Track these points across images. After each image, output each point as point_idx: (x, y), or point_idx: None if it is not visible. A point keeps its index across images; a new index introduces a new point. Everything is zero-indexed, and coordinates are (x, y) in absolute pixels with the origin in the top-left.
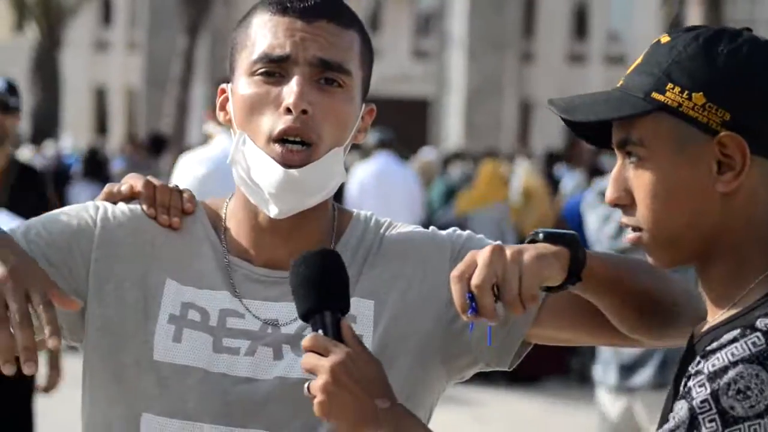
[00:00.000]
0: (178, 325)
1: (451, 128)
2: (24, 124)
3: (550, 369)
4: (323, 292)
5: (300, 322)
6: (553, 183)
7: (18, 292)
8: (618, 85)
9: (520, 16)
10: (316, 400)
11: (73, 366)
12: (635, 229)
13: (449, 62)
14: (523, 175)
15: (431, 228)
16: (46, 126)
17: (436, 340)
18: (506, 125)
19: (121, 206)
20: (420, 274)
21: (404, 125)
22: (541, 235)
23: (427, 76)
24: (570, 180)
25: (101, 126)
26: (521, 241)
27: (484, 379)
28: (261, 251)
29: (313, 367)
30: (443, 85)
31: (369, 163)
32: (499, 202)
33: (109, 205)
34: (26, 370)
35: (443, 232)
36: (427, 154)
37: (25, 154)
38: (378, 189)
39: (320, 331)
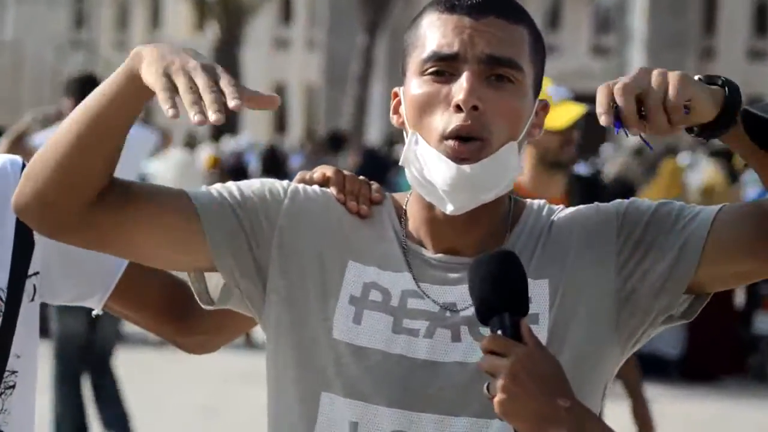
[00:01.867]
0: (358, 307)
1: None
2: None
3: (727, 368)
4: (502, 293)
5: None
6: (733, 176)
7: (206, 73)
8: None
9: (700, 13)
10: (496, 400)
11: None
12: None
13: (629, 59)
14: (704, 172)
15: (595, 203)
16: (225, 123)
17: (607, 307)
18: None
19: (314, 186)
20: (588, 244)
21: (584, 121)
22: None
23: (606, 72)
24: (752, 173)
25: (280, 123)
26: None
27: (659, 377)
28: (438, 241)
29: (493, 368)
30: None
31: None
32: (677, 196)
33: (300, 184)
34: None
35: (608, 204)
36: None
37: (205, 151)
38: None
39: (499, 332)
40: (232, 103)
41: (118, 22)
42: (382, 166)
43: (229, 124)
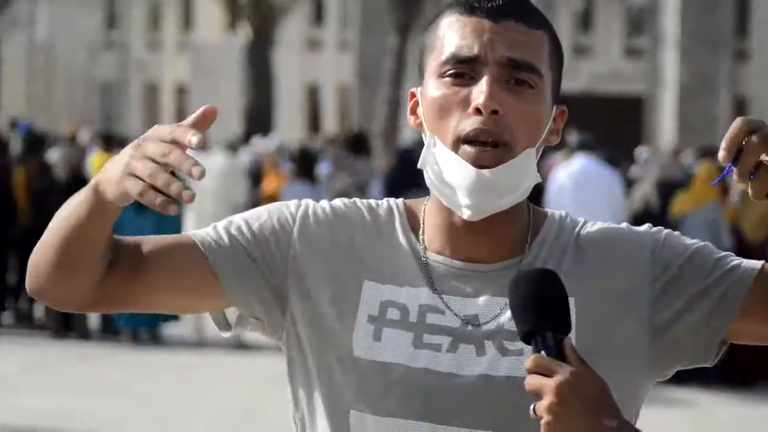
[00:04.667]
0: (377, 325)
1: (665, 126)
2: (236, 123)
3: (766, 373)
4: (544, 312)
5: (501, 318)
6: None
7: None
8: None
9: (733, 14)
10: (543, 421)
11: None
12: None
13: (662, 60)
14: None
15: (625, 224)
16: (258, 124)
17: (639, 339)
18: (720, 123)
19: (323, 204)
20: (620, 271)
21: (617, 123)
22: None
23: (639, 73)
24: None
25: (314, 124)
26: (737, 242)
27: (699, 381)
28: (458, 249)
29: (538, 388)
30: (656, 83)
31: (568, 165)
32: (713, 201)
33: (310, 203)
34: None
35: (641, 228)
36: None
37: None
38: (576, 191)
39: (542, 352)
40: (194, 172)
41: (150, 22)
42: (416, 167)
43: (261, 125)
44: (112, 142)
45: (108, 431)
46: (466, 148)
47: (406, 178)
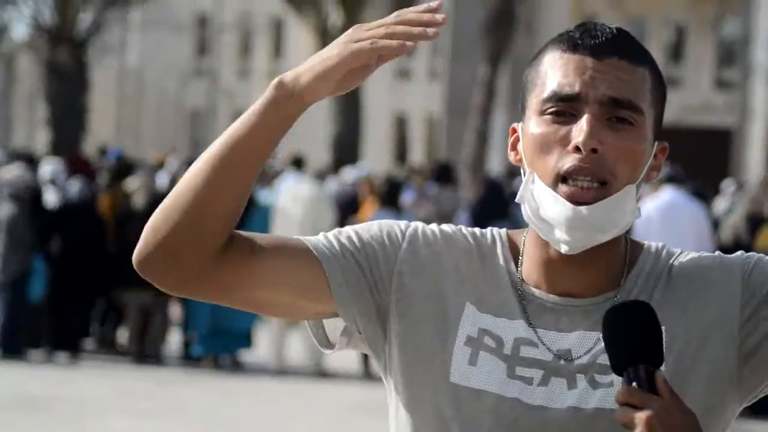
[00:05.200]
0: (474, 348)
1: (753, 158)
2: (325, 153)
3: None
4: (637, 345)
5: (594, 352)
6: None
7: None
8: None
9: None
10: None
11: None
12: None
13: (752, 92)
14: None
15: (717, 252)
16: (347, 154)
17: (729, 364)
18: None
19: (432, 226)
20: (710, 297)
21: (706, 155)
22: None
23: (729, 105)
24: None
25: (401, 154)
26: None
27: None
28: (554, 282)
29: (630, 420)
30: (746, 115)
31: (656, 197)
32: None
33: (420, 224)
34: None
35: (731, 255)
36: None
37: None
38: (663, 224)
39: (634, 384)
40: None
41: (240, 50)
42: (503, 198)
43: (349, 154)
44: None
45: None
46: (565, 186)
47: (492, 208)
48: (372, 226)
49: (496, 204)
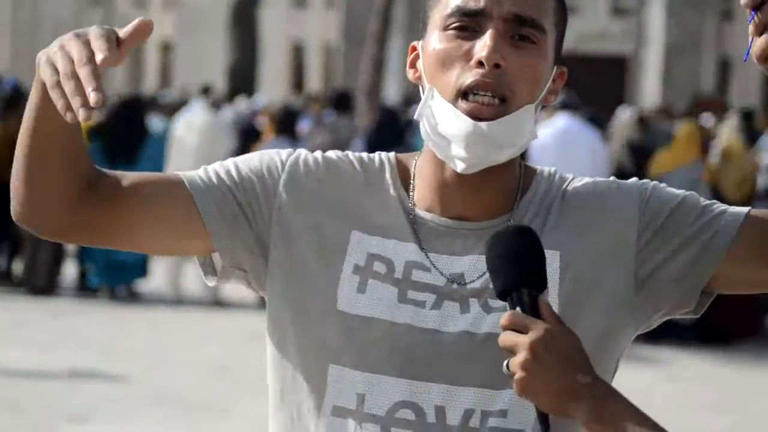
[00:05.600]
0: (362, 276)
1: (649, 86)
2: (221, 81)
3: (743, 330)
4: (520, 269)
5: (487, 277)
6: (751, 141)
7: (74, 49)
8: None
9: None
10: (516, 377)
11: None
12: None
13: (648, 19)
14: (723, 135)
15: (613, 178)
16: (243, 83)
17: (623, 291)
18: (705, 83)
19: (315, 154)
20: (606, 222)
21: (602, 83)
22: None
23: (625, 33)
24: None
25: (298, 82)
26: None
27: (676, 339)
28: (448, 205)
29: (512, 345)
30: (641, 42)
31: (550, 124)
32: (695, 160)
33: (303, 152)
34: (82, 116)
35: (628, 181)
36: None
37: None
38: (558, 150)
39: (518, 309)
40: (91, 98)
41: None
42: (399, 126)
43: (245, 83)
44: None
45: (85, 386)
46: (466, 101)
47: (388, 136)
48: (253, 158)
49: (392, 131)
